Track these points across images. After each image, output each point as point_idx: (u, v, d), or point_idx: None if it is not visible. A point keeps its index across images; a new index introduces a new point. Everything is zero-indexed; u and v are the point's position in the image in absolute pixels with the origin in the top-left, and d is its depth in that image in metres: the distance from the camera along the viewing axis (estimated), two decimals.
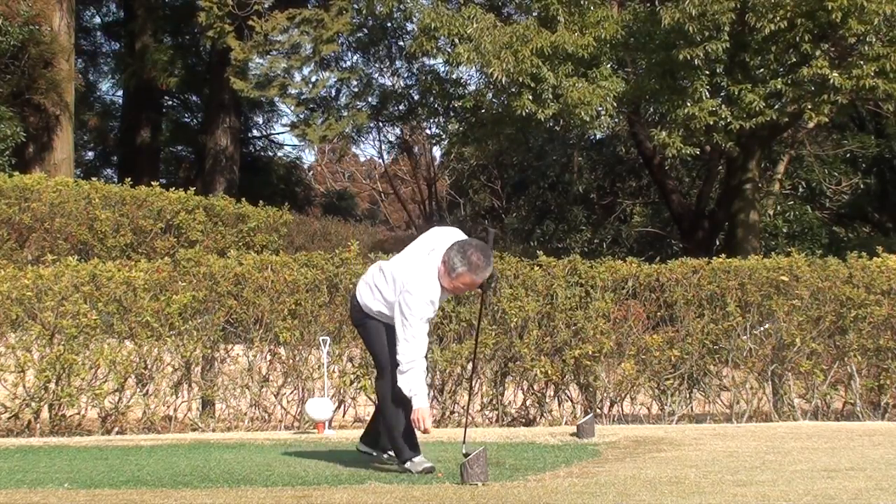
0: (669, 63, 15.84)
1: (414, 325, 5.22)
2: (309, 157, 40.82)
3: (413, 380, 5.21)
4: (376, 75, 25.15)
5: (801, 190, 26.41)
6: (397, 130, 31.39)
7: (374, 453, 5.87)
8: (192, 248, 11.41)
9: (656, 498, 4.41)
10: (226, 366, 8.70)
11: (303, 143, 26.70)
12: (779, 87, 15.61)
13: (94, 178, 15.03)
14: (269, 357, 8.71)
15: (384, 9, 18.82)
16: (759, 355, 8.85)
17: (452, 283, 5.30)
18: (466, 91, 19.76)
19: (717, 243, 20.32)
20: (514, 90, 16.28)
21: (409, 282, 5.28)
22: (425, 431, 5.24)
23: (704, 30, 15.25)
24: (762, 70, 16.54)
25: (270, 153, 32.26)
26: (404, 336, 5.23)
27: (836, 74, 14.99)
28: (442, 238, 5.48)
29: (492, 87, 17.47)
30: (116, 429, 8.16)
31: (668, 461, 5.71)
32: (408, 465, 5.42)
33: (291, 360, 8.63)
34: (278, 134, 34.59)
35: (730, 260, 9.47)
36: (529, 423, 8.66)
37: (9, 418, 8.12)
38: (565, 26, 16.08)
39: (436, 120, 24.08)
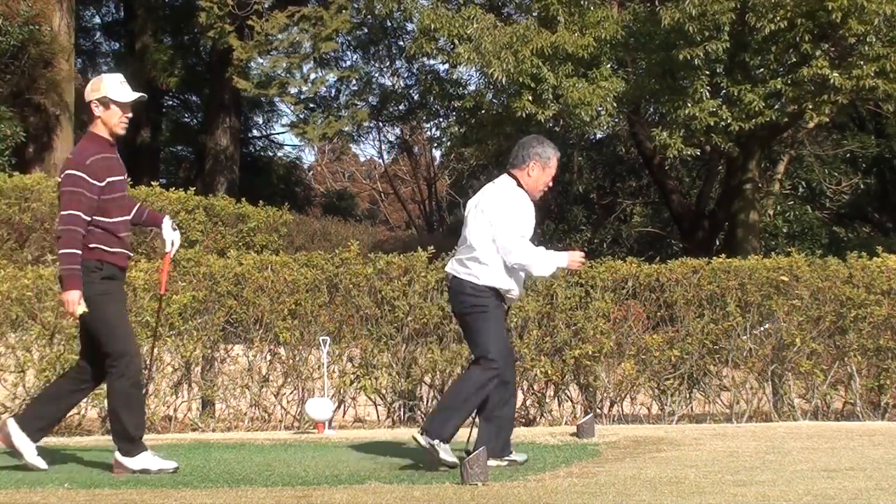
0: (669, 63, 15.83)
1: (514, 240, 5.52)
2: (309, 157, 40.86)
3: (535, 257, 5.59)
4: (376, 75, 25.18)
5: (801, 190, 26.42)
6: (397, 130, 31.42)
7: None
8: (192, 248, 11.40)
9: (656, 498, 4.41)
10: (226, 366, 8.70)
11: (303, 143, 26.70)
12: (779, 87, 15.60)
13: None
14: (269, 357, 8.70)
15: (384, 9, 18.81)
16: (759, 355, 8.85)
17: (551, 172, 5.83)
18: (466, 91, 19.75)
19: (717, 243, 20.31)
20: (513, 90, 16.27)
21: (496, 206, 5.61)
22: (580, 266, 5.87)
23: (704, 30, 15.24)
24: (762, 70, 16.54)
25: (270, 153, 32.27)
26: (512, 251, 5.52)
27: (837, 74, 14.99)
28: (491, 185, 5.86)
29: (492, 87, 17.46)
30: None
31: (668, 461, 5.71)
32: (440, 445, 5.41)
33: (291, 360, 8.63)
34: (278, 134, 34.63)
35: (730, 260, 9.46)
36: (529, 423, 8.66)
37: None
38: (565, 26, 16.07)
39: (436, 121, 24.09)
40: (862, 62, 14.99)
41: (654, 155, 19.90)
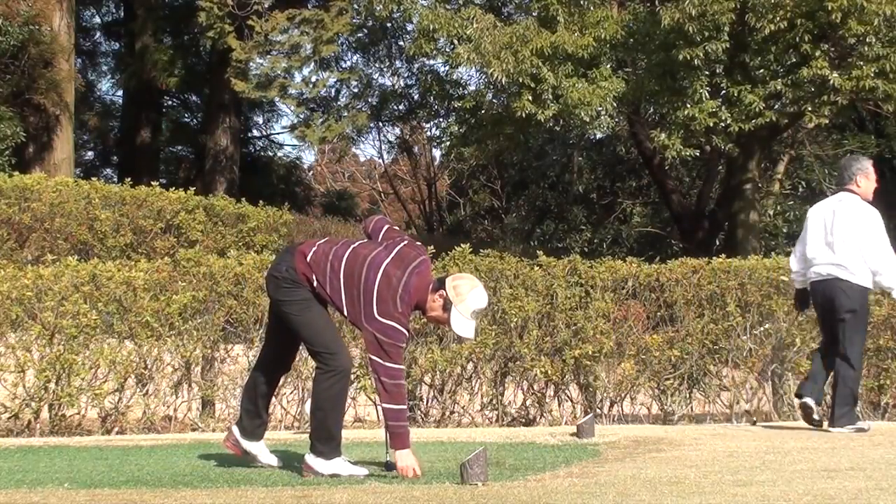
0: (669, 63, 15.83)
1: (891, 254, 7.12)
2: (309, 158, 40.83)
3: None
4: (376, 75, 25.17)
5: (801, 190, 26.41)
6: (397, 130, 31.42)
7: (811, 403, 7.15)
8: (192, 248, 11.40)
9: (656, 498, 4.41)
10: (226, 366, 8.70)
11: (303, 144, 26.75)
12: (779, 87, 15.60)
13: (94, 178, 15.01)
14: None
15: (384, 11, 18.80)
16: (759, 355, 8.85)
17: (874, 177, 7.44)
18: (466, 91, 19.74)
19: (717, 243, 20.31)
20: (513, 90, 16.27)
21: (867, 223, 7.12)
22: None
23: (704, 30, 15.24)
24: (762, 71, 16.53)
25: (270, 153, 32.24)
26: (882, 249, 7.06)
27: (836, 75, 14.99)
28: (837, 202, 7.26)
29: (492, 87, 17.46)
30: (116, 429, 8.16)
31: (668, 461, 5.71)
32: (857, 424, 6.98)
33: None
34: (278, 134, 34.58)
35: (730, 260, 9.46)
36: (529, 423, 8.65)
37: (9, 418, 8.12)
38: (565, 26, 16.07)
39: (436, 121, 24.08)
40: (862, 63, 14.99)
41: (653, 155, 19.90)
